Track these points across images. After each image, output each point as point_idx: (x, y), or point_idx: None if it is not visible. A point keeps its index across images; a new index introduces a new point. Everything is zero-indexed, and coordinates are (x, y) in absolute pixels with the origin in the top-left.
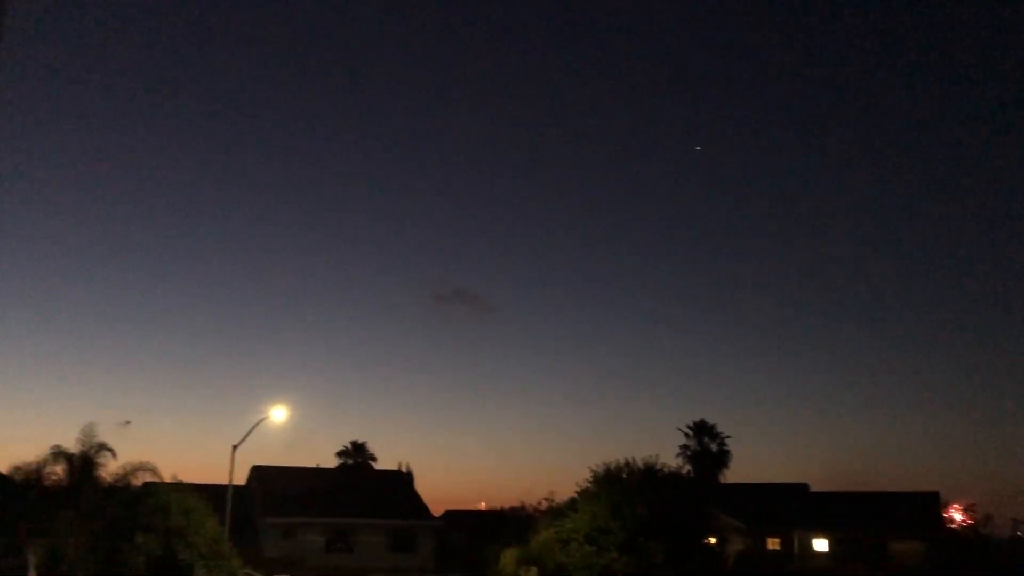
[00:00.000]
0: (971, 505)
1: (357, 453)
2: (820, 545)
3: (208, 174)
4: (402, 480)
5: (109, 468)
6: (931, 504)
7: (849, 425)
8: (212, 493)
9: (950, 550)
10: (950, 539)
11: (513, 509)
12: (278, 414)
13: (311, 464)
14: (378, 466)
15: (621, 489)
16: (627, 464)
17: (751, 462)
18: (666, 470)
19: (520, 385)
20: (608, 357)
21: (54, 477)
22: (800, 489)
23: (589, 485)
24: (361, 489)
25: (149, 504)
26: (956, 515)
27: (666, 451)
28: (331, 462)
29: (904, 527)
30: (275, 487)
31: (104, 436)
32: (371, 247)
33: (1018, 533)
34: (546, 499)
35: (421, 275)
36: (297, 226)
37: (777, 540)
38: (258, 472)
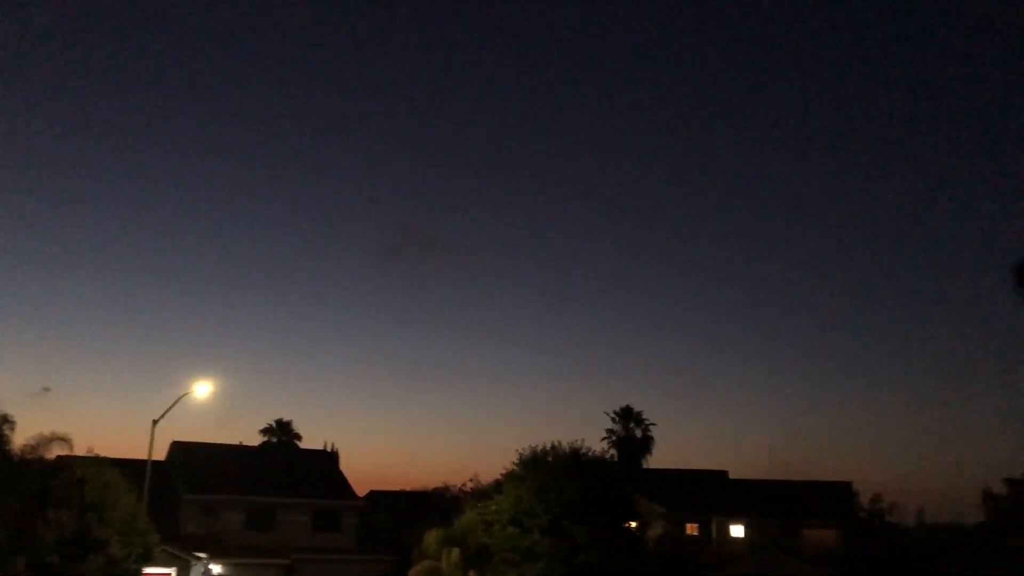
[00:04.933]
0: (879, 494)
1: (282, 431)
2: (737, 531)
3: (129, 140)
4: (327, 459)
5: (18, 439)
6: (843, 493)
7: (769, 415)
8: (130, 468)
9: (860, 537)
10: (860, 527)
11: (438, 490)
12: (202, 389)
13: (235, 441)
14: (303, 445)
15: (547, 472)
16: (553, 448)
17: (674, 448)
18: (591, 455)
19: (448, 367)
20: (537, 342)
21: None
22: (720, 476)
23: (515, 468)
24: (285, 468)
25: (63, 478)
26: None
27: (592, 436)
28: (255, 440)
29: (818, 515)
30: (196, 464)
31: (14, 406)
32: (300, 219)
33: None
34: (471, 481)
35: (349, 252)
36: (222, 192)
37: (696, 525)
38: (179, 448)
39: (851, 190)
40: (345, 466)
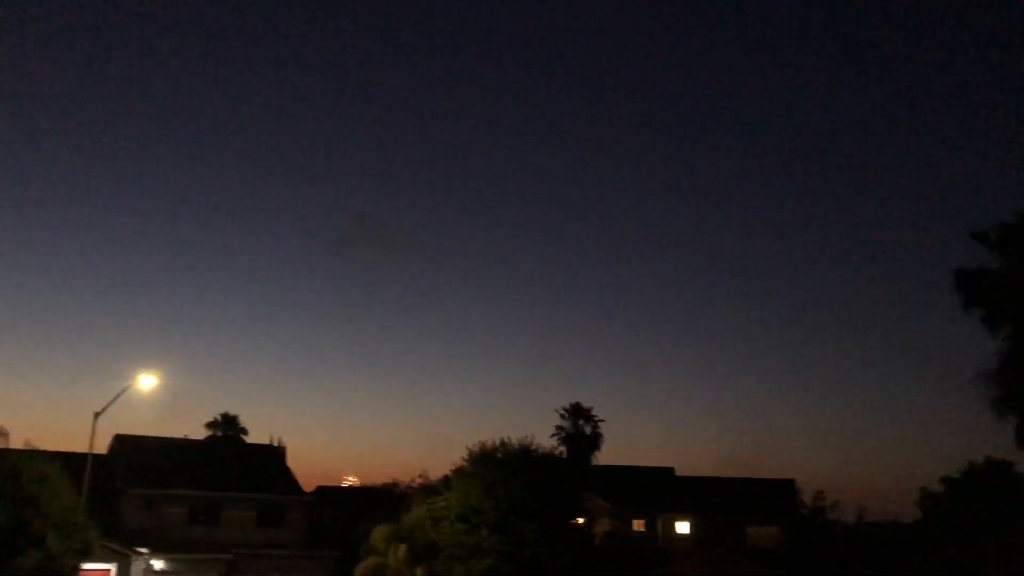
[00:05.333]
0: (821, 492)
1: (228, 425)
2: (683, 527)
3: (69, 134)
4: (273, 454)
5: None
6: (787, 490)
7: (715, 413)
8: (70, 462)
9: (802, 534)
10: (803, 524)
11: (387, 486)
12: (146, 381)
13: (180, 436)
14: (250, 439)
15: (496, 469)
16: (503, 444)
17: (623, 445)
18: (541, 451)
19: (398, 362)
20: (488, 338)
21: None
22: (666, 473)
23: (465, 464)
24: (230, 462)
25: None
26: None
27: (543, 432)
28: (201, 434)
29: (761, 512)
30: (138, 457)
31: None
32: (247, 209)
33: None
34: (421, 477)
35: (298, 243)
36: (165, 183)
37: (642, 522)
38: (121, 441)
39: (797, 197)
40: (292, 461)
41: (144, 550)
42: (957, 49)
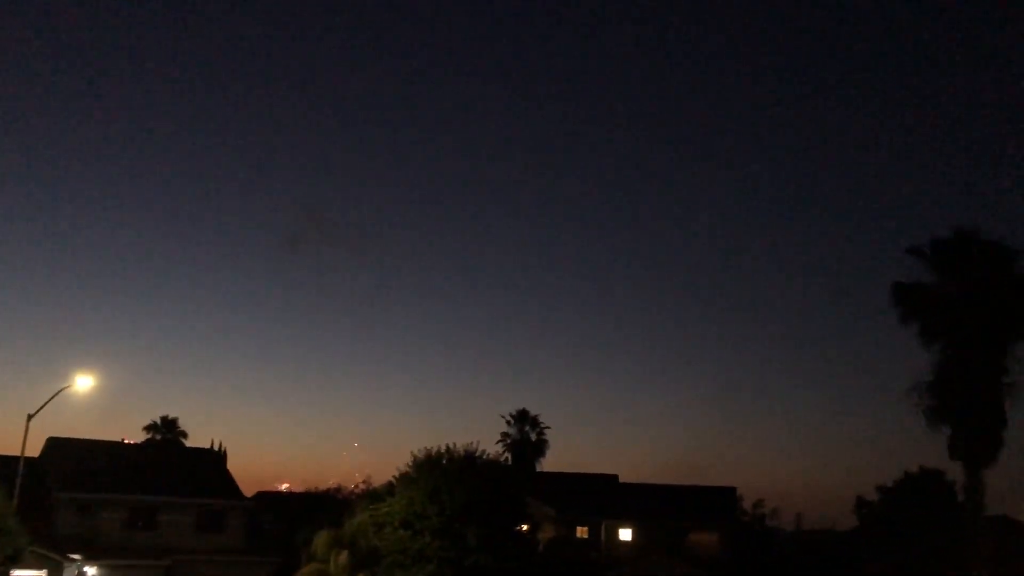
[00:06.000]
0: (761, 500)
1: (167, 429)
2: (625, 534)
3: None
4: (213, 458)
5: None
6: (728, 498)
7: (660, 420)
8: (1, 465)
9: (741, 541)
10: (742, 531)
11: (330, 492)
12: (83, 383)
13: (118, 439)
14: (190, 443)
15: (440, 475)
16: (448, 450)
17: (568, 452)
18: (486, 458)
19: (343, 366)
20: (434, 344)
21: None
22: (610, 480)
23: (409, 470)
24: (168, 466)
25: None
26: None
27: (488, 438)
28: (140, 438)
29: (703, 519)
30: (73, 461)
31: None
32: (189, 207)
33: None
34: (364, 483)
35: (240, 243)
36: (103, 178)
37: (586, 529)
38: (55, 444)
39: (739, 210)
40: (234, 465)
41: (77, 556)
42: (899, 69)
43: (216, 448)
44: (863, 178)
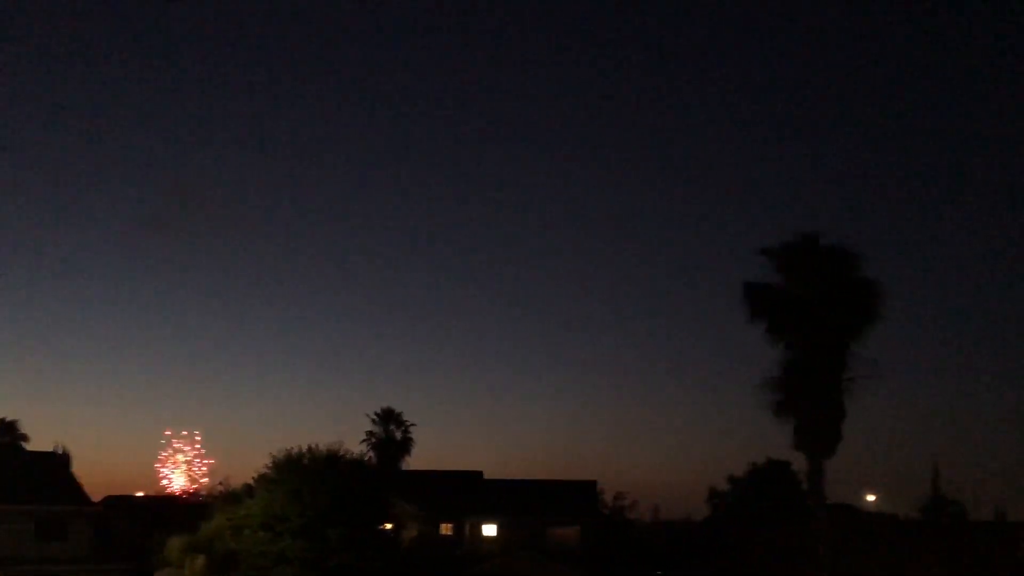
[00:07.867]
0: (621, 493)
1: (6, 432)
2: (489, 531)
3: None
4: (56, 462)
5: None
6: (589, 491)
7: (523, 416)
8: None
9: (602, 534)
10: (602, 524)
11: (185, 494)
12: None
13: None
14: (31, 447)
15: (302, 475)
16: (310, 450)
17: (434, 450)
18: (349, 456)
19: (198, 363)
20: (298, 340)
21: None
22: (474, 477)
23: (268, 470)
24: (5, 472)
25: None
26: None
27: (353, 437)
28: None
29: (564, 513)
30: None
31: None
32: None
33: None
34: (222, 485)
35: (94, 228)
36: None
37: (450, 526)
38: None
39: (596, 203)
40: (81, 470)
41: None
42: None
43: (59, 452)
44: (720, 181)
